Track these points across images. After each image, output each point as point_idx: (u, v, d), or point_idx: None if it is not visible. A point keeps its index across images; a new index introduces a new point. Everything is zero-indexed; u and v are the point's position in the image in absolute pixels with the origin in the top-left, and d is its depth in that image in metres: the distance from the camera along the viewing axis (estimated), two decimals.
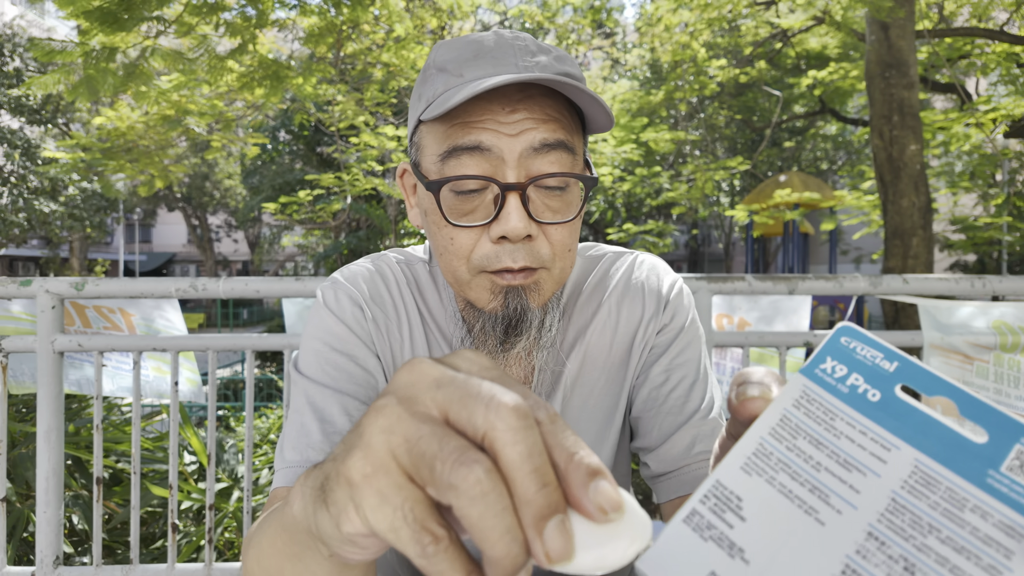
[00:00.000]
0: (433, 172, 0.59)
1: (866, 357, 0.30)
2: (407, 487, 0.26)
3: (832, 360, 0.30)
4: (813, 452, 0.27)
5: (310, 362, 0.65)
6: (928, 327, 1.48)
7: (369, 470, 0.26)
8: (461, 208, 0.58)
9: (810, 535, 0.25)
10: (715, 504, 0.27)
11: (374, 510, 0.26)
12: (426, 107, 0.60)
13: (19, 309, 1.68)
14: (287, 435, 0.62)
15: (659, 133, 6.73)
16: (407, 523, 0.25)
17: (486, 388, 0.26)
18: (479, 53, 0.59)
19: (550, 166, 0.58)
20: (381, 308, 0.69)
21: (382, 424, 0.27)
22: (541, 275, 0.60)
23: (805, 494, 0.26)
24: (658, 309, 0.71)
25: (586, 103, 0.58)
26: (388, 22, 4.27)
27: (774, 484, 0.27)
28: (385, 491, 0.26)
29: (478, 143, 0.56)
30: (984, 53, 5.86)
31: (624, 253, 0.76)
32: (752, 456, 0.28)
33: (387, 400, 0.27)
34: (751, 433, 0.29)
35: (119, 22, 2.34)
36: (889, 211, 4.10)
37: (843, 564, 0.24)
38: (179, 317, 1.87)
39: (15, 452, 1.90)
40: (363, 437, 0.27)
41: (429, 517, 0.25)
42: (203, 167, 15.20)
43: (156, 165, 4.54)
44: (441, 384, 0.27)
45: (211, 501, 1.39)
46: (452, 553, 0.25)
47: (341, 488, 0.27)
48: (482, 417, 0.25)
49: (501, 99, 0.57)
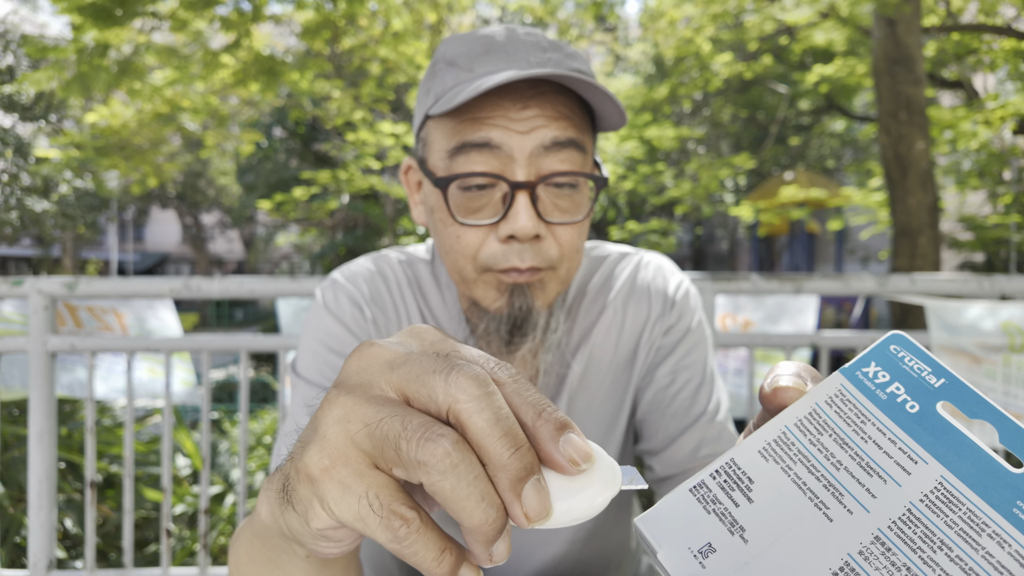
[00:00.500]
0: (441, 168, 0.58)
1: (912, 368, 0.29)
2: (369, 473, 0.25)
3: (876, 365, 0.29)
4: (836, 450, 0.27)
5: (308, 364, 0.64)
6: (935, 328, 1.45)
7: (327, 463, 0.26)
8: (468, 206, 0.57)
9: (815, 527, 0.25)
10: (725, 480, 0.27)
11: (338, 502, 0.26)
12: (434, 102, 0.59)
13: (10, 311, 1.66)
14: (284, 438, 0.62)
15: (663, 130, 6.69)
16: (374, 510, 0.25)
17: (441, 363, 0.26)
18: (490, 48, 0.58)
19: (560, 164, 0.57)
20: (381, 309, 0.67)
21: (337, 414, 0.26)
22: (547, 274, 0.59)
23: (819, 489, 0.26)
24: (664, 310, 0.70)
25: (599, 100, 0.57)
26: (385, 16, 4.25)
27: (789, 473, 0.27)
28: (347, 481, 0.25)
29: (488, 140, 0.55)
30: (992, 50, 5.80)
31: (629, 253, 0.75)
32: (772, 442, 0.28)
33: (338, 390, 0.27)
34: (776, 421, 0.28)
35: (113, 18, 2.32)
36: (896, 209, 4.06)
37: (843, 561, 0.24)
38: (173, 317, 1.84)
39: (7, 455, 1.88)
40: (318, 431, 0.26)
41: (396, 500, 0.25)
42: (197, 165, 15.19)
43: (149, 163, 4.53)
44: (394, 365, 0.27)
45: (205, 505, 1.38)
46: (424, 533, 0.25)
47: (303, 485, 0.27)
48: (442, 392, 0.25)
49: (512, 95, 0.56)
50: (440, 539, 0.25)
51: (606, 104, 0.57)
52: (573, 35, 6.53)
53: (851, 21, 4.90)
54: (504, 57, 0.58)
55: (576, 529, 0.67)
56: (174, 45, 3.14)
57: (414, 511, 0.25)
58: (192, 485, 2.14)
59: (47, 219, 13.26)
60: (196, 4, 2.72)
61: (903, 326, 3.97)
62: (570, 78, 0.53)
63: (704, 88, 6.62)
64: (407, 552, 0.25)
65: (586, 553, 0.69)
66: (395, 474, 0.26)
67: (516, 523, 0.25)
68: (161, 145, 4.70)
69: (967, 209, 8.08)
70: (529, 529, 0.65)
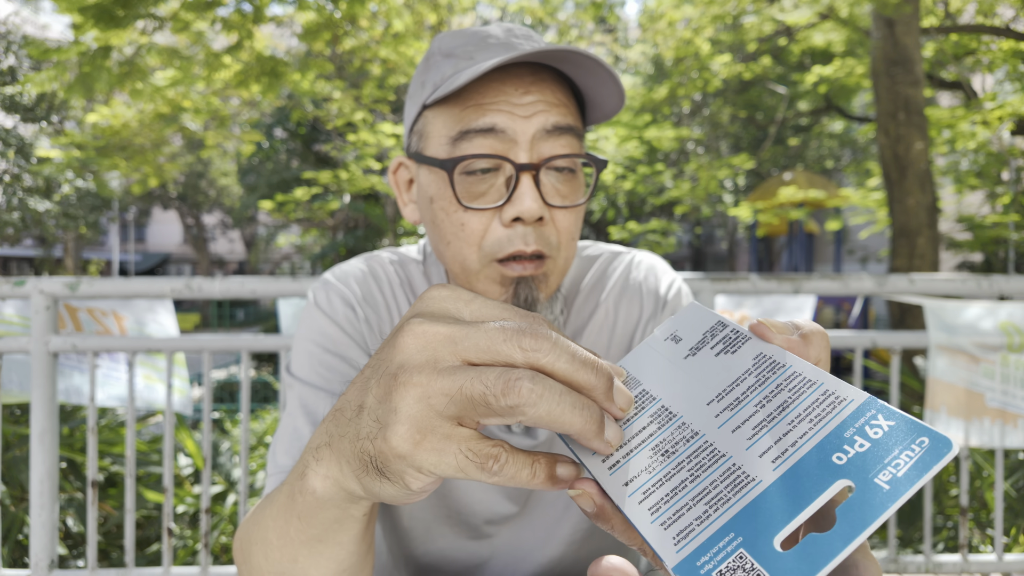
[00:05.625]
0: (443, 156, 0.58)
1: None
2: (455, 433, 0.29)
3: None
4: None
5: (302, 364, 0.64)
6: (934, 327, 1.45)
7: (418, 437, 0.29)
8: (472, 191, 0.58)
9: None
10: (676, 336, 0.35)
11: (436, 465, 0.29)
12: (433, 91, 0.59)
13: (11, 312, 1.66)
14: (280, 439, 0.62)
15: (662, 130, 6.69)
16: (470, 460, 0.28)
17: (503, 332, 0.29)
18: (487, 40, 0.60)
19: (562, 149, 0.58)
20: (374, 309, 0.67)
21: (415, 394, 0.29)
22: (549, 265, 0.60)
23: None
24: (656, 309, 0.70)
25: (598, 83, 0.58)
26: (386, 17, 4.25)
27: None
28: (438, 447, 0.29)
29: (492, 125, 0.56)
30: (990, 50, 5.80)
31: (621, 252, 0.75)
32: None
33: (407, 374, 0.29)
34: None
35: (115, 19, 2.33)
36: (895, 210, 4.07)
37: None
38: (172, 320, 1.84)
39: (9, 454, 1.88)
40: (398, 412, 0.29)
41: (482, 445, 0.29)
42: (198, 165, 15.15)
43: (151, 163, 4.53)
44: (457, 340, 0.30)
45: (206, 504, 1.38)
46: (513, 460, 0.29)
47: (394, 462, 0.30)
48: (520, 356, 0.29)
49: (514, 80, 0.57)
50: (526, 458, 0.29)
51: (606, 86, 0.58)
52: (573, 36, 6.53)
53: (850, 22, 4.91)
54: (504, 47, 0.59)
55: (575, 530, 0.67)
56: (176, 46, 3.15)
57: (498, 447, 0.29)
58: (194, 485, 2.14)
59: (49, 219, 13.24)
60: (197, 5, 2.73)
61: (902, 326, 3.98)
62: (576, 53, 0.54)
63: (703, 89, 6.62)
64: (504, 479, 0.29)
65: (584, 553, 0.68)
66: (486, 423, 0.29)
67: (615, 416, 0.30)
68: (162, 145, 4.71)
69: (965, 209, 8.09)
70: (528, 529, 0.66)
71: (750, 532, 0.25)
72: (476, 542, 0.67)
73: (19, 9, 13.26)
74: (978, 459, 2.18)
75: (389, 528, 0.69)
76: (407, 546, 0.68)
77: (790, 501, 0.25)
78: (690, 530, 0.26)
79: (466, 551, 0.67)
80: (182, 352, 1.47)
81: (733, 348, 0.32)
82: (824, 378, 0.28)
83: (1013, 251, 7.54)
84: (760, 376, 0.30)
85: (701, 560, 0.25)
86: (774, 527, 0.24)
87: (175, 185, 15.97)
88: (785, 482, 0.25)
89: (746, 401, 0.29)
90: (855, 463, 0.25)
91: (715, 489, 0.27)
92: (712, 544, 0.25)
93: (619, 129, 6.60)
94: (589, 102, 0.62)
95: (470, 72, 0.53)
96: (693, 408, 0.30)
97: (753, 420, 0.28)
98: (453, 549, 0.67)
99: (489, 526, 0.67)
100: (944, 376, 1.46)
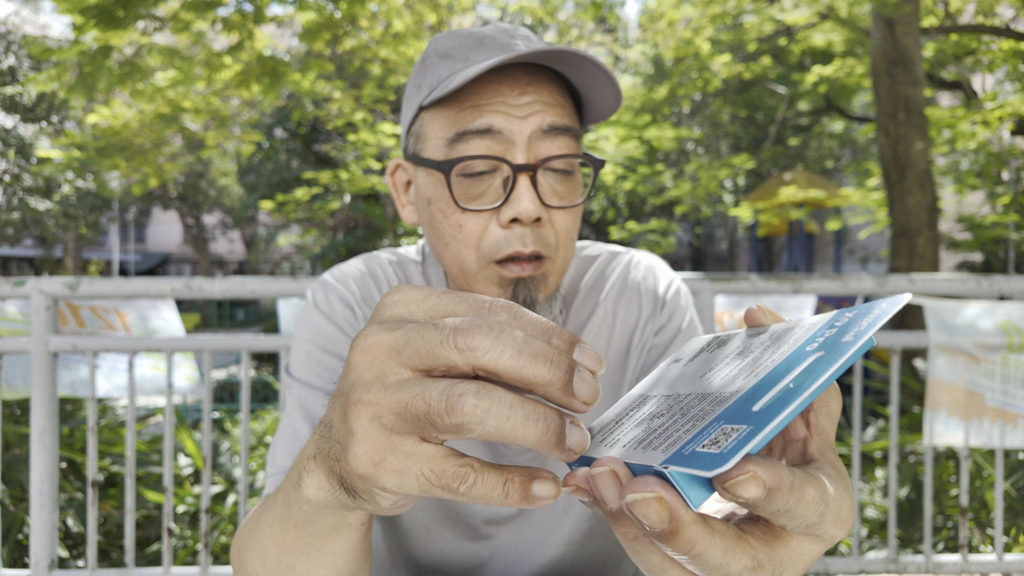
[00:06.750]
0: (440, 157, 0.58)
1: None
2: (418, 451, 0.27)
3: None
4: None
5: (301, 364, 0.64)
6: (934, 327, 1.45)
7: (376, 458, 0.27)
8: (470, 192, 0.58)
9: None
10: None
11: (400, 485, 0.27)
12: (429, 92, 0.59)
13: (13, 310, 1.66)
14: (279, 439, 0.62)
15: (662, 130, 6.69)
16: (433, 482, 0.27)
17: (442, 333, 0.27)
18: (483, 40, 0.60)
19: (559, 149, 0.58)
20: (372, 309, 0.67)
21: (366, 413, 0.27)
22: (547, 266, 0.60)
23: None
24: (655, 310, 0.70)
25: (594, 84, 0.58)
26: (386, 17, 4.25)
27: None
28: (399, 467, 0.27)
29: (489, 126, 0.56)
30: (990, 50, 5.80)
31: (620, 252, 0.74)
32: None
33: (356, 389, 0.28)
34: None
35: (116, 19, 2.33)
36: (895, 210, 4.07)
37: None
38: (175, 316, 1.84)
39: (9, 454, 1.88)
40: (354, 433, 0.28)
41: (448, 464, 0.27)
42: (198, 165, 15.15)
43: (151, 163, 4.54)
44: (399, 349, 0.27)
45: (207, 504, 1.38)
46: (483, 478, 0.27)
47: (358, 482, 0.29)
48: (459, 358, 0.26)
49: (511, 81, 0.57)
50: (498, 475, 0.27)
51: (603, 86, 0.58)
52: (573, 36, 6.53)
53: (850, 22, 4.91)
54: (499, 47, 0.59)
55: (574, 530, 0.67)
56: (176, 46, 3.15)
57: (466, 466, 0.27)
58: (194, 485, 2.14)
59: (49, 219, 13.25)
60: (198, 5, 2.74)
61: (902, 326, 3.98)
62: (571, 54, 0.54)
63: (703, 89, 6.62)
64: (475, 499, 0.27)
65: (583, 553, 0.68)
66: (444, 439, 0.27)
67: (578, 412, 0.27)
68: (163, 146, 4.71)
69: (965, 209, 8.09)
70: (528, 530, 0.67)
71: (730, 414, 0.25)
72: (476, 543, 0.67)
73: (19, 9, 13.25)
74: (978, 459, 2.18)
75: (388, 529, 0.69)
76: (407, 547, 0.68)
77: (770, 388, 0.25)
78: (678, 439, 0.26)
79: (466, 552, 0.67)
80: (183, 351, 1.47)
81: (727, 340, 0.33)
82: (805, 319, 0.30)
83: (1013, 251, 7.54)
84: (746, 344, 0.31)
85: (688, 449, 0.24)
86: (755, 403, 0.25)
87: (175, 185, 15.97)
88: (764, 381, 0.26)
89: (731, 360, 0.30)
90: (826, 343, 0.26)
91: (700, 409, 0.27)
92: (700, 438, 0.25)
93: (619, 129, 6.59)
94: (586, 102, 0.62)
95: (466, 73, 0.53)
96: (684, 384, 0.31)
97: (737, 365, 0.29)
98: (453, 550, 0.67)
99: (489, 527, 0.67)
100: (944, 376, 1.46)
